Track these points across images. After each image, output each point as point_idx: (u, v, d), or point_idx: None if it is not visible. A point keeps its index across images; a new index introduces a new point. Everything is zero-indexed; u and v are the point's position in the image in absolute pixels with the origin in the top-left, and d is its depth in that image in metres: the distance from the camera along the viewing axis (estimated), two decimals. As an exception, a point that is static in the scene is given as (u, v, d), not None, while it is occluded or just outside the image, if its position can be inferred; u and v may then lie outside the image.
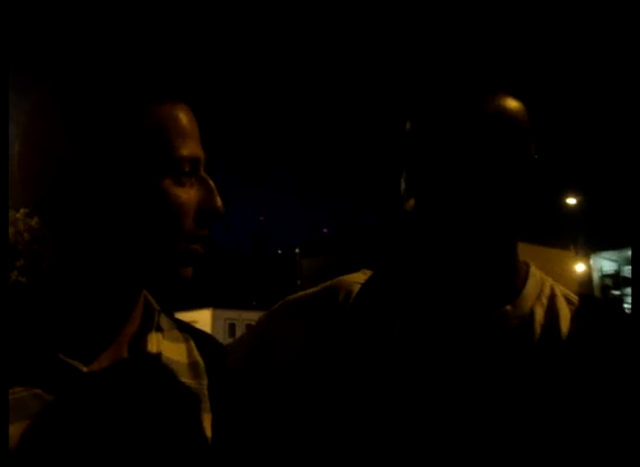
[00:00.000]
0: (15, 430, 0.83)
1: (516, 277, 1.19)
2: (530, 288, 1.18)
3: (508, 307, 1.14)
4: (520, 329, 1.13)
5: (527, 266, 1.22)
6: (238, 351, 1.29)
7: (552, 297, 1.18)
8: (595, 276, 32.06)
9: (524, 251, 1.15)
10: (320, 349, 1.19)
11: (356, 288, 1.24)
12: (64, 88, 0.95)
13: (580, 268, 30.15)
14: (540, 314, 1.15)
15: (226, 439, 1.06)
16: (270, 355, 1.26)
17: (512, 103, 1.14)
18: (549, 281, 1.22)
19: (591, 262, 31.40)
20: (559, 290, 1.21)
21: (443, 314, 1.16)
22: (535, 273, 1.22)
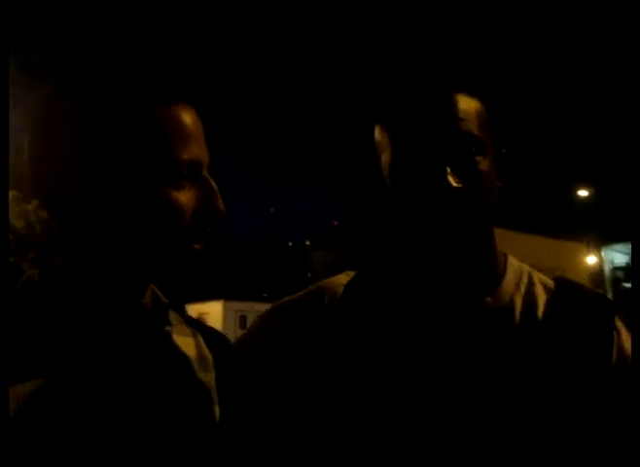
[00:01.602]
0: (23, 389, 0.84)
1: (495, 268, 1.20)
2: (509, 278, 1.20)
3: (488, 299, 1.16)
4: (501, 319, 1.14)
5: (505, 256, 1.24)
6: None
7: (530, 285, 1.20)
8: (607, 269, 31.88)
9: (536, 244, 1.16)
10: (309, 352, 1.20)
11: (340, 290, 1.25)
12: (73, 86, 0.96)
13: (591, 260, 30.02)
14: (519, 303, 1.16)
15: (231, 430, 1.06)
16: (260, 359, 1.26)
17: (472, 98, 1.16)
18: (526, 269, 1.24)
19: (603, 254, 31.22)
20: (537, 277, 1.22)
21: (424, 309, 1.16)
22: (513, 263, 1.23)
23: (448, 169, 1.07)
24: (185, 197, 0.95)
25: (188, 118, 0.97)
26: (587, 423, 1.07)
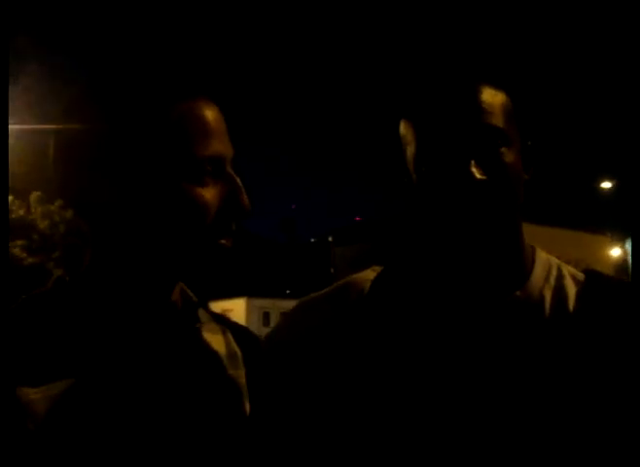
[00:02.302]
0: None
1: (524, 262, 1.18)
2: (538, 271, 1.18)
3: (518, 293, 1.14)
4: (531, 313, 1.13)
5: (533, 249, 1.22)
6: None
7: (560, 278, 1.19)
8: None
9: (559, 237, 1.15)
10: (337, 348, 1.19)
11: (367, 285, 1.25)
12: (95, 88, 0.98)
13: (615, 252, 29.76)
14: (549, 296, 1.15)
15: (260, 427, 1.07)
16: (287, 355, 1.26)
17: (497, 91, 1.15)
18: (555, 262, 1.22)
19: (627, 246, 30.94)
20: (566, 270, 1.21)
21: (453, 304, 1.16)
22: (541, 256, 1.22)
23: (473, 162, 1.07)
24: (209, 193, 0.95)
25: (209, 114, 0.97)
26: (620, 416, 1.05)
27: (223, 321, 1.14)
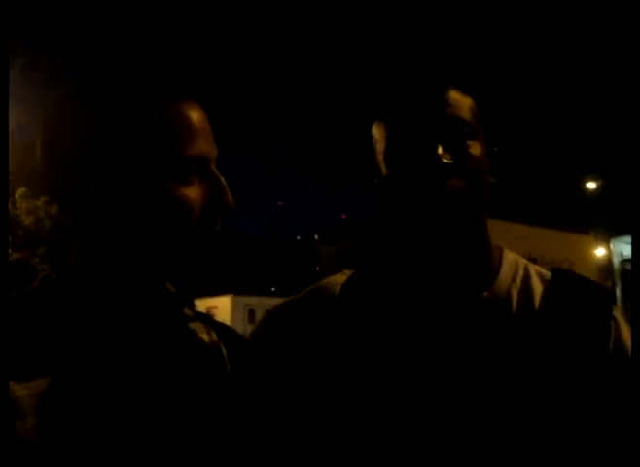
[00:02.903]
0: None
1: (491, 262, 1.20)
2: (505, 272, 1.20)
3: (485, 293, 1.16)
4: (499, 313, 1.14)
5: (500, 249, 1.24)
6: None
7: (527, 277, 1.20)
8: (616, 261, 31.78)
9: (544, 237, 1.16)
10: (310, 351, 1.20)
11: (337, 289, 1.26)
12: (83, 86, 0.98)
13: (600, 252, 29.97)
14: (515, 296, 1.17)
15: (243, 427, 1.07)
16: (263, 360, 1.26)
17: (465, 95, 1.17)
18: (522, 262, 1.24)
19: (612, 246, 31.14)
20: (533, 270, 1.22)
21: (421, 305, 1.17)
22: (508, 256, 1.23)
23: (440, 147, 1.08)
24: (193, 192, 0.96)
25: (194, 115, 0.99)
26: (585, 414, 1.07)
27: (207, 320, 1.14)
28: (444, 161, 1.08)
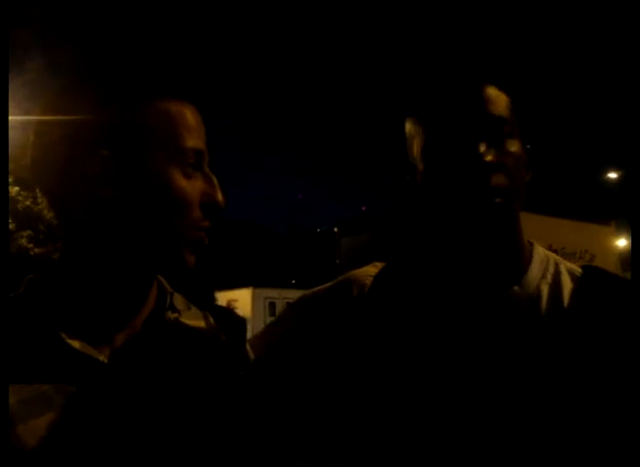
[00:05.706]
0: (41, 423, 0.85)
1: (522, 257, 1.19)
2: (535, 267, 1.19)
3: (515, 288, 1.15)
4: (528, 308, 1.14)
5: (531, 245, 1.24)
6: (259, 340, 1.30)
7: (557, 274, 1.20)
8: (638, 251, 31.41)
9: (564, 228, 1.15)
10: (337, 343, 1.20)
11: (369, 281, 1.25)
12: (88, 78, 1.00)
13: (621, 243, 29.69)
14: (545, 292, 1.16)
15: (256, 418, 1.07)
16: (288, 347, 1.27)
17: (501, 91, 1.17)
18: (553, 258, 1.24)
19: (634, 237, 30.77)
20: (564, 266, 1.22)
21: (452, 299, 1.17)
22: (539, 252, 1.23)
23: (482, 144, 1.08)
24: (192, 186, 0.99)
25: (193, 115, 1.02)
26: (616, 415, 1.06)
27: (205, 307, 1.15)
28: (488, 158, 1.07)
